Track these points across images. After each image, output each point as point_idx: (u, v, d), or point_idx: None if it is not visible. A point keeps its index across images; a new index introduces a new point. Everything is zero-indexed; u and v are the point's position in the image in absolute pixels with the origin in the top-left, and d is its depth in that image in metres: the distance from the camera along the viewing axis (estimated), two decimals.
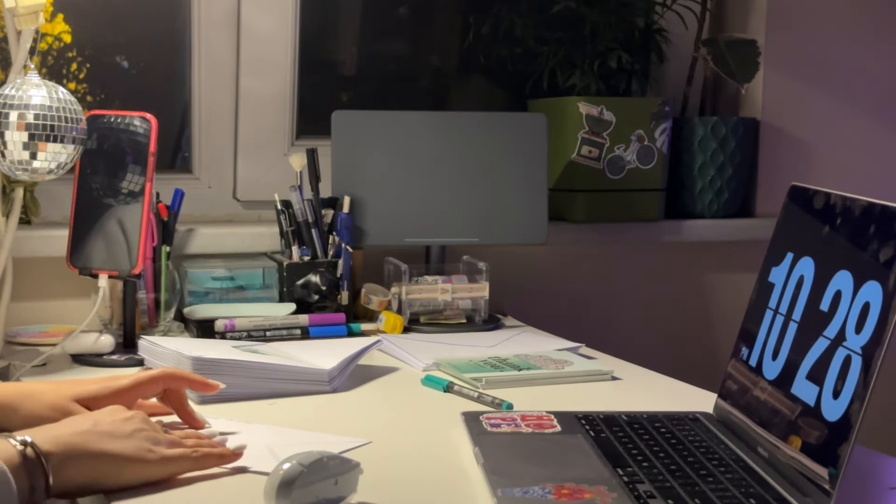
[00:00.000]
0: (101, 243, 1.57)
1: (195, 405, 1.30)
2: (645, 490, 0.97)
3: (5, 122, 1.45)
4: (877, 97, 2.34)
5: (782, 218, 1.18)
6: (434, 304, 1.81)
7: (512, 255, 2.08)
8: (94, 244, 1.57)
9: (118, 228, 1.57)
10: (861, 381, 0.90)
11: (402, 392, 1.41)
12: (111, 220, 1.57)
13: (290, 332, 1.66)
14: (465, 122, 1.92)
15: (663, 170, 2.13)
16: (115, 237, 1.56)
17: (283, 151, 2.06)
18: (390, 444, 1.18)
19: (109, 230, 1.57)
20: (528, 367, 1.48)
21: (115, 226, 1.57)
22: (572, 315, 2.11)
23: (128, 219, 1.57)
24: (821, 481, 0.92)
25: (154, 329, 1.68)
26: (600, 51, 2.15)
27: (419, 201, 1.88)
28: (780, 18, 2.24)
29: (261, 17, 2.02)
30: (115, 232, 1.56)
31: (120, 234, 1.56)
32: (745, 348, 1.17)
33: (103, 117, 1.59)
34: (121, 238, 1.56)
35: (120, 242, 1.56)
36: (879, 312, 0.91)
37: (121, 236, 1.56)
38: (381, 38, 2.28)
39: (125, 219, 1.57)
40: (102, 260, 1.56)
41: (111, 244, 1.56)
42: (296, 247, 1.81)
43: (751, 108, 2.27)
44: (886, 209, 0.95)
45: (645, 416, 1.20)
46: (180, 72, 2.06)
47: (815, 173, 2.28)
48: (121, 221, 1.57)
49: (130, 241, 1.56)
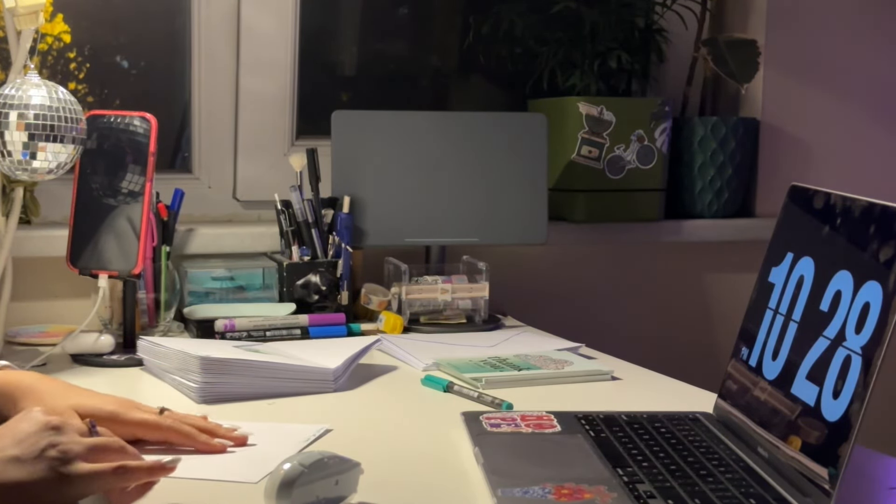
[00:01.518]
0: (101, 243, 1.57)
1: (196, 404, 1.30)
2: (645, 490, 0.97)
3: (5, 122, 1.45)
4: (877, 97, 2.33)
5: (782, 218, 1.17)
6: (434, 304, 1.81)
7: (512, 255, 2.08)
8: (94, 244, 1.57)
9: (118, 228, 1.56)
10: (861, 381, 0.90)
11: (401, 392, 1.41)
12: (111, 220, 1.57)
13: (290, 332, 1.66)
14: (465, 122, 1.92)
15: (663, 170, 2.13)
16: (115, 237, 1.56)
17: (283, 151, 2.06)
18: (390, 444, 1.18)
19: (109, 230, 1.57)
20: (528, 367, 1.48)
21: (115, 226, 1.57)
22: (572, 315, 2.10)
23: (128, 219, 1.57)
24: (821, 481, 0.92)
25: (154, 329, 1.68)
26: (600, 51, 2.15)
27: (419, 201, 1.88)
28: (780, 18, 2.24)
29: (261, 17, 2.02)
30: (115, 232, 1.56)
31: (120, 234, 1.56)
32: (745, 348, 1.17)
33: (103, 117, 1.59)
34: (121, 238, 1.56)
35: (120, 242, 1.56)
36: (879, 312, 0.91)
37: (121, 236, 1.56)
38: (381, 38, 2.28)
39: (125, 219, 1.57)
40: (102, 260, 1.56)
41: (111, 244, 1.56)
42: (296, 247, 1.81)
43: (751, 108, 2.27)
44: (886, 209, 0.95)
45: (645, 416, 1.20)
46: (180, 72, 2.06)
47: (815, 173, 2.28)
48: (121, 221, 1.57)
49: (130, 241, 1.56)
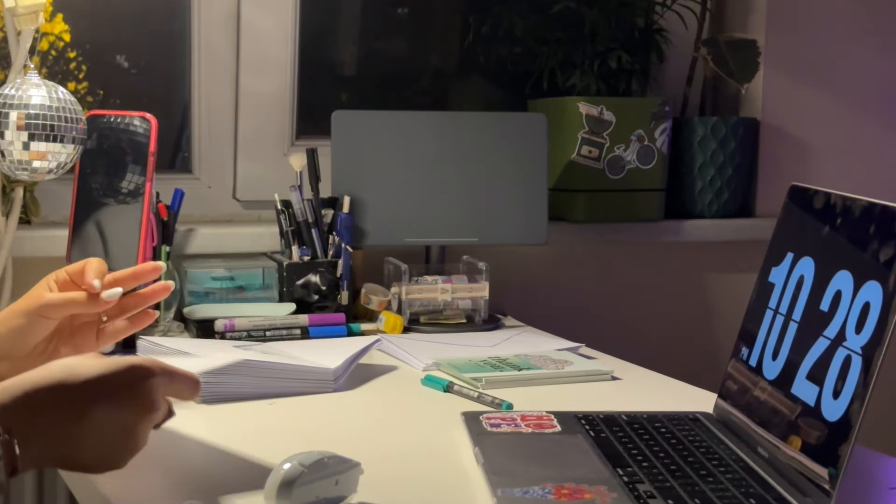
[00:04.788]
0: (100, 243, 1.57)
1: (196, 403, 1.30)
2: (645, 490, 0.97)
3: (5, 122, 1.45)
4: (877, 97, 2.33)
5: (782, 218, 1.17)
6: (434, 304, 1.81)
7: (512, 255, 2.08)
8: (94, 244, 1.57)
9: (118, 228, 1.56)
10: (861, 381, 0.90)
11: (402, 392, 1.41)
12: (111, 220, 1.57)
13: (290, 332, 1.66)
14: (465, 122, 1.92)
15: (663, 170, 2.13)
16: (115, 237, 1.56)
17: (283, 151, 2.06)
18: (390, 444, 1.18)
19: (109, 230, 1.57)
20: (528, 367, 1.48)
21: (115, 226, 1.57)
22: (572, 315, 2.10)
23: (128, 219, 1.57)
24: (821, 481, 0.92)
25: (154, 329, 1.67)
26: (600, 51, 2.15)
27: (419, 201, 1.88)
28: (780, 18, 2.24)
29: (261, 17, 2.02)
30: (115, 232, 1.56)
31: (120, 234, 1.56)
32: (745, 348, 1.17)
33: (103, 117, 1.59)
34: (121, 238, 1.56)
35: (120, 242, 1.56)
36: (879, 312, 0.91)
37: (121, 236, 1.56)
38: (381, 38, 2.28)
39: (125, 219, 1.57)
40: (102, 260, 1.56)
41: (111, 244, 1.56)
42: (296, 247, 1.81)
43: (751, 108, 2.27)
44: (886, 209, 0.95)
45: (645, 416, 1.20)
46: (180, 71, 2.06)
47: (815, 173, 2.28)
48: (121, 221, 1.57)
49: (130, 241, 1.56)
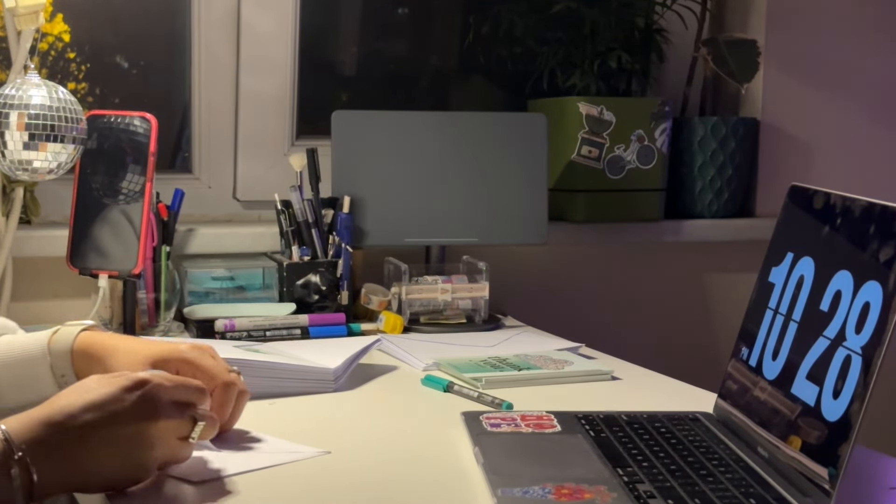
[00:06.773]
0: (101, 243, 1.57)
1: None
2: (645, 490, 0.97)
3: (6, 123, 1.45)
4: (877, 97, 2.33)
5: (782, 218, 1.17)
6: (434, 304, 1.81)
7: (512, 255, 2.08)
8: (94, 244, 1.57)
9: (118, 228, 1.57)
10: (861, 381, 0.90)
11: (401, 392, 1.41)
12: (111, 220, 1.57)
13: (290, 332, 1.66)
14: (465, 122, 1.92)
15: (663, 170, 2.13)
16: (116, 237, 1.56)
17: (283, 151, 2.06)
18: (390, 444, 1.18)
19: (109, 230, 1.57)
20: (528, 367, 1.48)
21: (116, 226, 1.57)
22: (572, 315, 2.10)
23: (128, 219, 1.57)
24: (821, 481, 0.92)
25: (154, 329, 1.68)
26: (600, 51, 2.15)
27: (419, 201, 1.88)
28: (780, 18, 2.24)
29: (261, 17, 2.02)
30: (116, 232, 1.56)
31: (120, 234, 1.56)
32: (745, 348, 1.17)
33: (103, 117, 1.59)
34: (121, 238, 1.56)
35: (120, 242, 1.56)
36: (879, 312, 0.91)
37: (121, 236, 1.56)
38: (381, 38, 2.28)
39: (125, 219, 1.57)
40: (102, 260, 1.56)
41: (111, 244, 1.56)
42: (296, 247, 1.81)
43: (751, 108, 2.27)
44: (886, 209, 0.95)
45: (645, 416, 1.20)
46: (180, 72, 2.06)
47: (815, 173, 2.28)
48: (121, 221, 1.57)
49: (130, 241, 1.56)
